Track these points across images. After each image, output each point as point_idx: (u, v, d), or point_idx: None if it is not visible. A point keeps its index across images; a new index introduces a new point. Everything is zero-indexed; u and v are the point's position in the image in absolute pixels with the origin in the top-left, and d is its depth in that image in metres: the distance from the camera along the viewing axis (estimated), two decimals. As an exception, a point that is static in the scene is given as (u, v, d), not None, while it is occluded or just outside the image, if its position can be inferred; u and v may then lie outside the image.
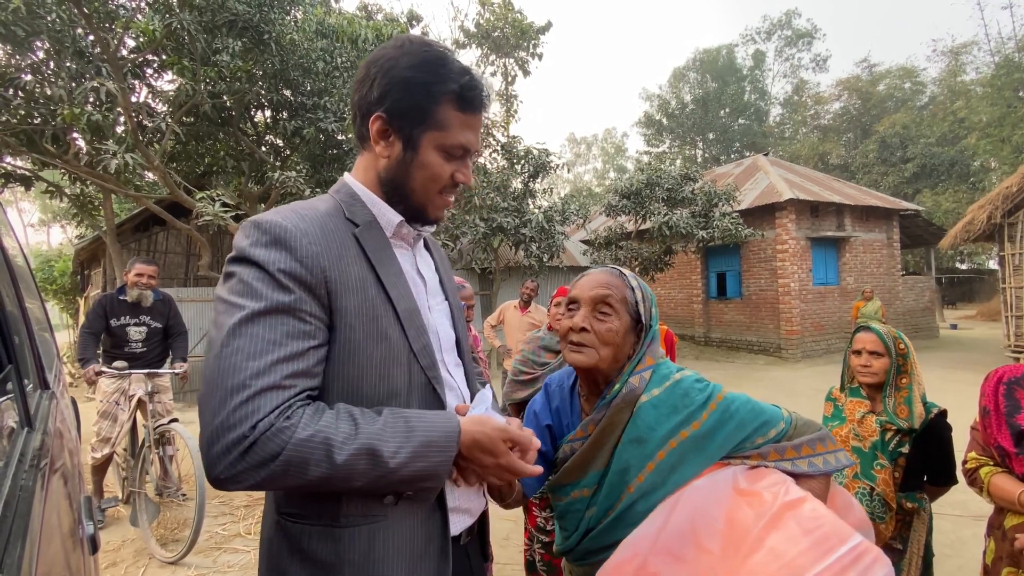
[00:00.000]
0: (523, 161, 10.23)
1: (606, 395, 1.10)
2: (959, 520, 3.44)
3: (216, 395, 0.70)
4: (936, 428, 1.81)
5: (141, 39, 6.62)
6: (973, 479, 1.64)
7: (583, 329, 1.08)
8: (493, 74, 21.32)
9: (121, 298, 3.68)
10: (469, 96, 0.87)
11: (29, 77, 6.81)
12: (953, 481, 1.83)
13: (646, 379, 1.09)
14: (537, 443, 0.88)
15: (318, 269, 0.78)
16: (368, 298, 0.82)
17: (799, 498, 0.94)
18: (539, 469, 0.86)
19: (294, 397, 0.73)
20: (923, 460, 1.83)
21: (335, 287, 0.79)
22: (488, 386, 1.06)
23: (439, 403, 0.88)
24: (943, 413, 1.84)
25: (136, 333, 3.72)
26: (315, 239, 0.79)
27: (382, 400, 0.82)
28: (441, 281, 1.05)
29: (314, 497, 0.79)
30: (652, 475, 1.03)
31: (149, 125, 7.19)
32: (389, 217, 0.91)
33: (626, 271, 1.17)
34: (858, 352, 1.93)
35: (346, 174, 0.95)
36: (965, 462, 1.69)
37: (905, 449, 1.82)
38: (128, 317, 3.69)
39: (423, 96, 0.85)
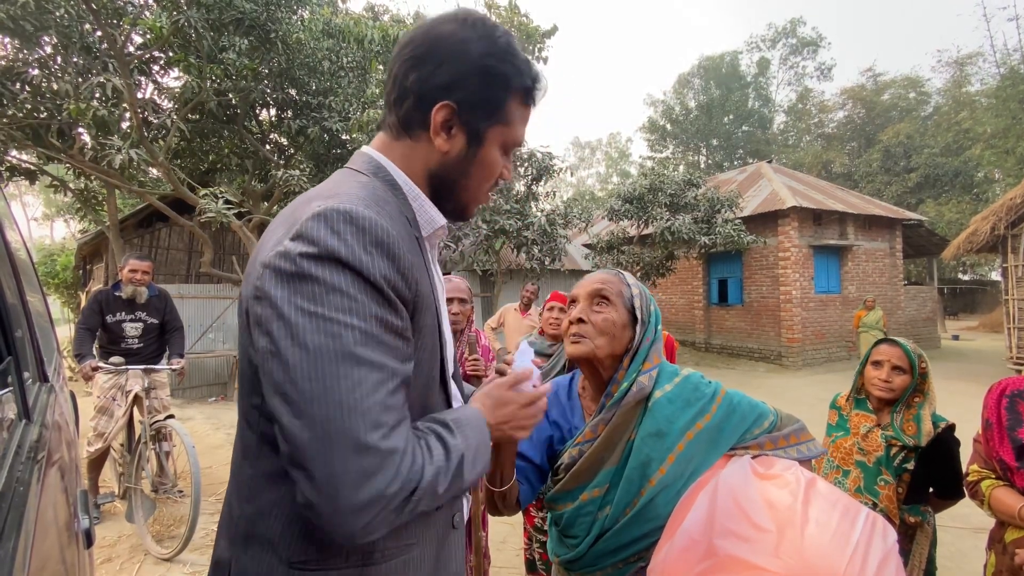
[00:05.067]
0: (526, 164, 10.23)
1: (612, 393, 1.12)
2: (960, 532, 3.42)
3: (340, 436, 0.58)
4: (944, 442, 1.78)
5: (148, 36, 6.64)
6: (974, 492, 1.63)
7: (580, 320, 1.14)
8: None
9: (116, 294, 3.66)
10: (536, 90, 0.83)
11: (36, 72, 6.84)
12: (961, 494, 1.80)
13: (654, 377, 1.14)
14: (531, 368, 0.87)
15: (414, 282, 0.68)
16: (433, 314, 0.75)
17: (812, 477, 1.01)
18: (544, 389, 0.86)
19: (409, 426, 0.66)
20: (928, 473, 1.79)
21: (420, 302, 0.71)
22: (526, 343, 1.05)
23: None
24: (951, 427, 1.80)
25: (132, 329, 3.71)
26: (408, 246, 0.69)
27: (415, 419, 0.74)
28: None
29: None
30: (673, 467, 1.06)
31: (154, 121, 7.21)
32: (432, 216, 0.81)
33: (625, 273, 1.22)
34: (878, 364, 1.85)
35: (378, 153, 0.80)
36: (967, 474, 1.68)
37: (910, 465, 1.78)
38: (124, 313, 3.68)
39: (501, 89, 0.77)
